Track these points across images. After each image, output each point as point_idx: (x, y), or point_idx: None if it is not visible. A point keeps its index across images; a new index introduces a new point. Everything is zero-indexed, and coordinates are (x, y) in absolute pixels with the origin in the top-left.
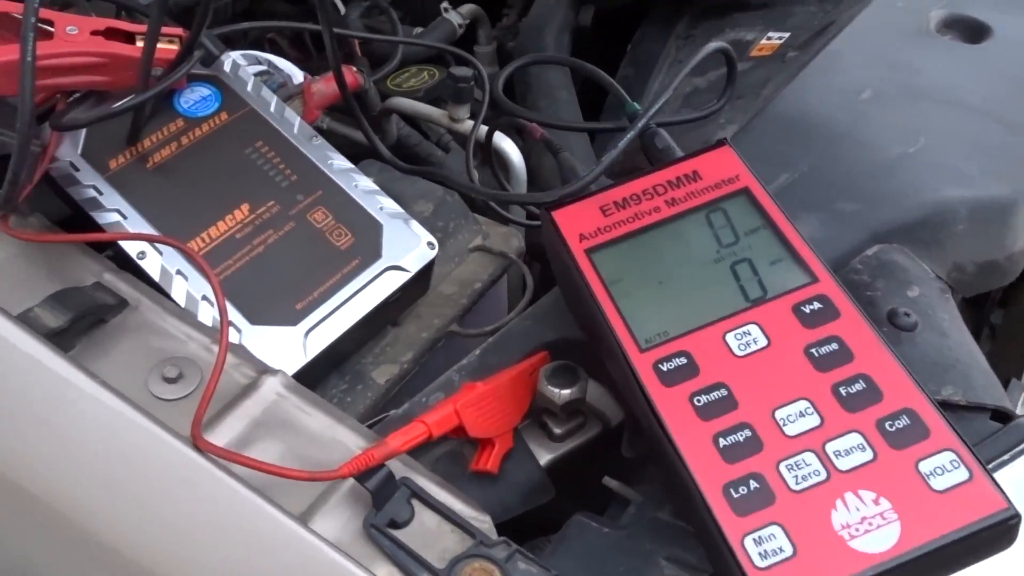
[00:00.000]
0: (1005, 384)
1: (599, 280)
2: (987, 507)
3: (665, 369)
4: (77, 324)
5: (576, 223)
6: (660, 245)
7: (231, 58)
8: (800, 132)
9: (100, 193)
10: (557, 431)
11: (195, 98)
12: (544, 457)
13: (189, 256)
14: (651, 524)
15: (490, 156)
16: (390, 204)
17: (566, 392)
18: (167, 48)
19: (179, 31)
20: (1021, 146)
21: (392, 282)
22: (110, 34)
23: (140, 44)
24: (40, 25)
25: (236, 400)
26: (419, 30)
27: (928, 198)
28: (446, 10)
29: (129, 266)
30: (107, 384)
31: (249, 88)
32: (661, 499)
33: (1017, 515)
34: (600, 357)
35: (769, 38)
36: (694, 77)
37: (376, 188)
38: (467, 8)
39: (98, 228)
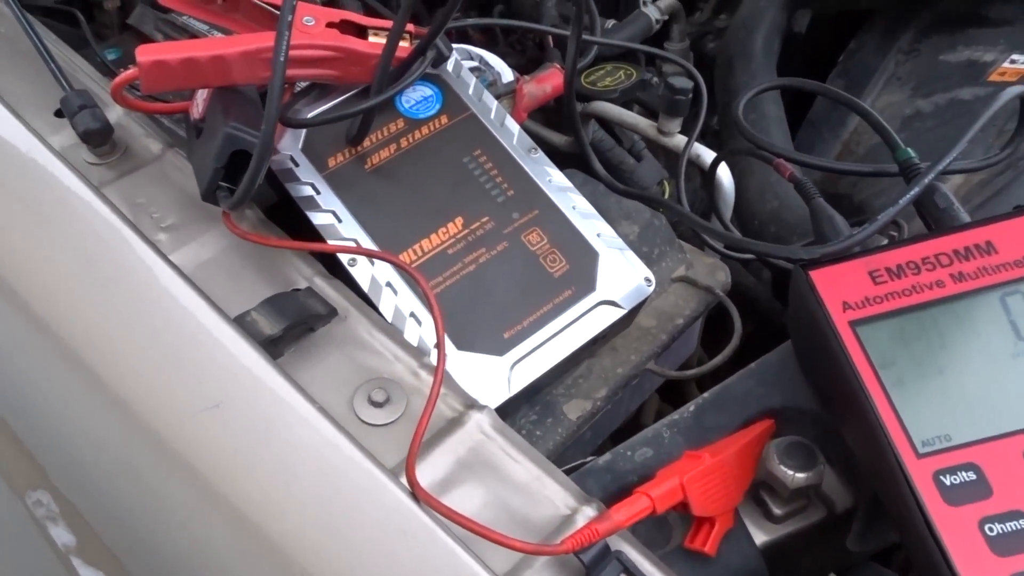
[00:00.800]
0: None
1: (866, 360)
2: None
3: (948, 483)
4: (290, 332)
5: (839, 288)
6: (943, 327)
7: (454, 58)
8: None
9: (317, 192)
10: (777, 512)
11: (417, 98)
12: (760, 538)
13: (406, 272)
14: None
15: (712, 186)
16: (608, 231)
17: (801, 476)
18: (402, 46)
19: (411, 27)
20: None
21: (605, 319)
22: (344, 27)
23: (372, 39)
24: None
25: (442, 434)
26: (611, 23)
27: None
28: (644, 3)
29: (338, 270)
30: (322, 409)
31: (471, 91)
32: None
33: None
34: (839, 436)
35: (1013, 61)
36: (917, 98)
37: (594, 212)
38: (666, 3)
39: (309, 224)
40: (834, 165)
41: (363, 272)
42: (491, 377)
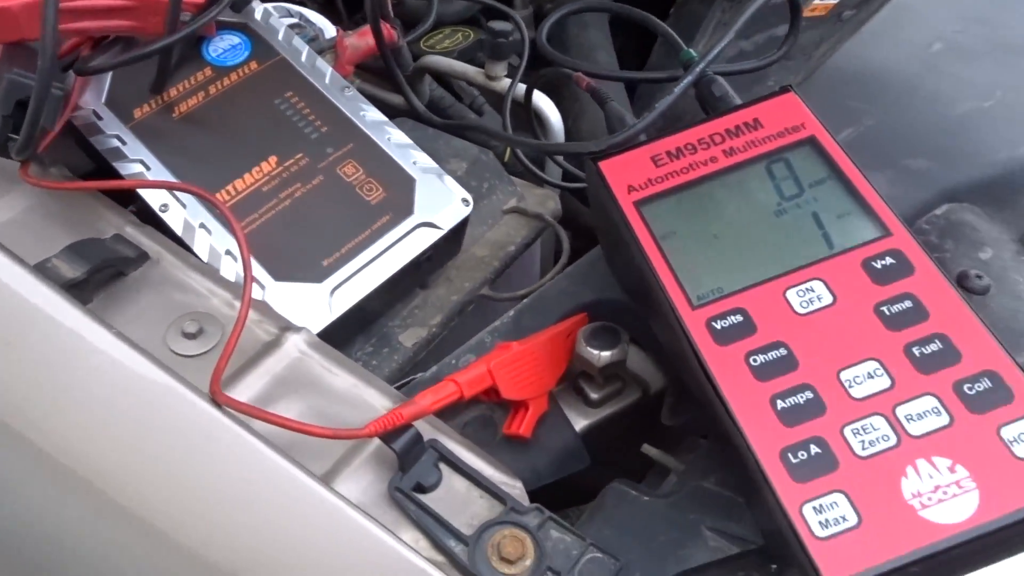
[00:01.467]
0: None
1: (649, 234)
2: None
3: (719, 327)
4: (95, 276)
5: (625, 174)
6: (716, 197)
7: (262, 7)
8: (863, 87)
9: (123, 143)
10: (594, 396)
11: (224, 46)
12: (579, 423)
13: (213, 206)
14: (694, 493)
15: (529, 114)
16: (424, 159)
17: (606, 354)
18: None
19: None
20: None
21: (424, 239)
22: None
23: None
24: None
25: (258, 357)
26: None
27: (1003, 155)
28: None
29: (152, 220)
30: (125, 337)
31: (280, 37)
32: (705, 467)
33: None
34: (645, 318)
35: None
36: (740, 40)
37: (410, 142)
38: None
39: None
40: (629, 75)
41: (175, 216)
42: (311, 303)
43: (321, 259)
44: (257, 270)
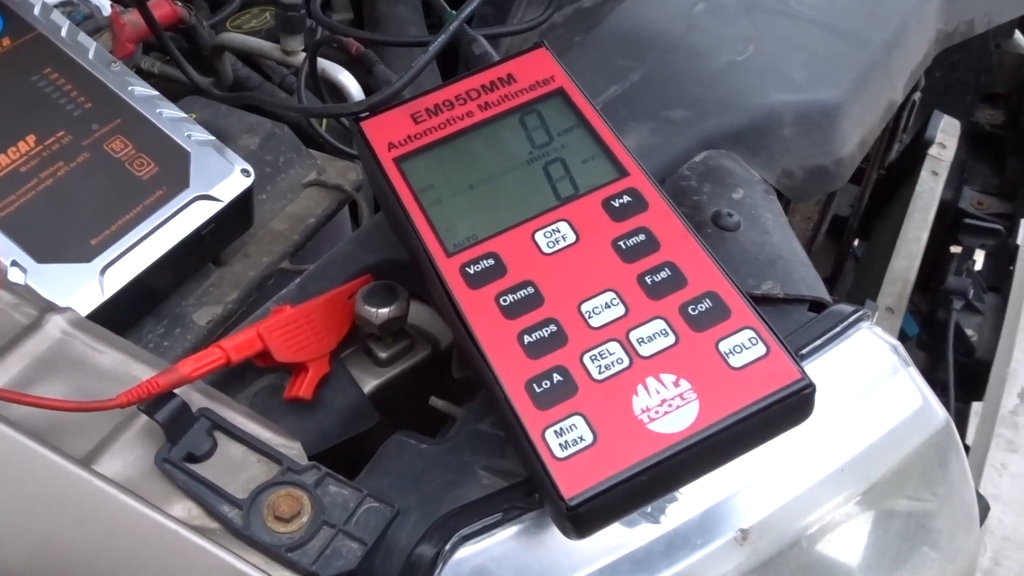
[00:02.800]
0: (860, 303)
1: (408, 189)
2: (782, 379)
3: (472, 272)
4: None
5: (386, 133)
6: (472, 150)
7: None
8: (633, 45)
9: None
10: (382, 355)
11: None
12: (369, 383)
13: None
14: (470, 436)
15: (316, 80)
16: (199, 132)
17: (384, 311)
18: None
19: None
20: (848, 52)
21: (202, 212)
22: None
23: None
24: None
25: (15, 341)
26: None
27: (755, 103)
28: None
29: None
30: None
31: (36, 12)
32: (481, 411)
33: (811, 384)
34: (420, 275)
35: None
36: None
37: (184, 116)
38: None
39: None
40: (395, 39)
41: None
42: (80, 283)
43: (89, 238)
44: (17, 253)
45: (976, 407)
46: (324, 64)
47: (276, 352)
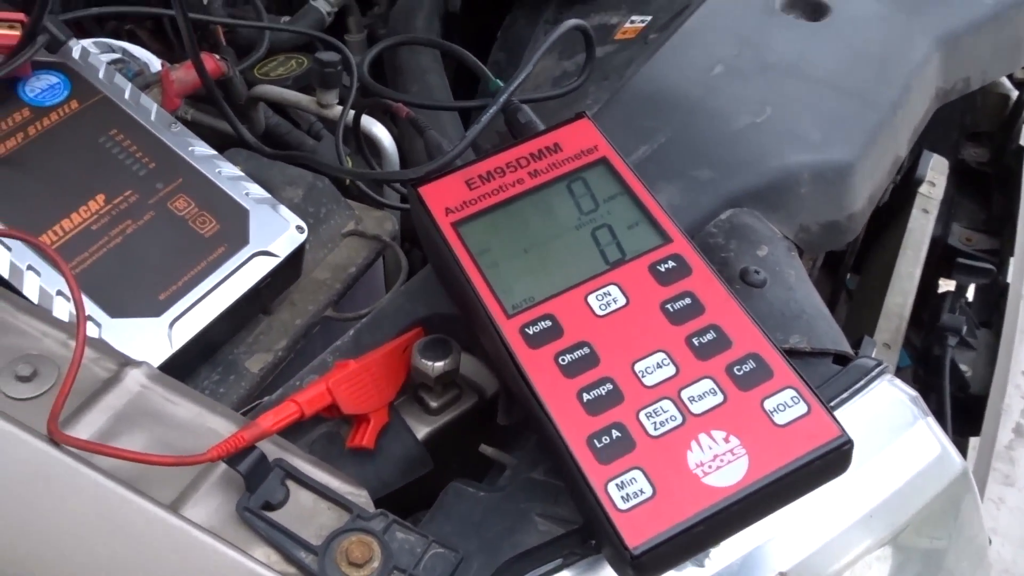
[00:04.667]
0: (858, 341)
1: (466, 252)
2: (824, 436)
3: (531, 332)
4: None
5: (442, 198)
6: (524, 215)
7: (80, 45)
8: (657, 106)
9: None
10: (433, 404)
11: (42, 86)
12: (421, 431)
13: (39, 249)
14: (525, 484)
15: (359, 140)
16: (256, 190)
17: (439, 364)
18: (8, 34)
19: (20, 16)
20: (860, 113)
21: (261, 268)
22: None
23: None
24: None
25: (97, 394)
26: (286, 19)
27: (774, 164)
28: None
29: None
30: None
31: (101, 75)
32: (534, 460)
33: (849, 441)
34: (473, 330)
35: (632, 21)
36: (563, 60)
37: (241, 174)
38: None
39: None
40: (442, 104)
41: (1, 260)
42: (150, 337)
43: (158, 293)
44: (92, 308)
45: (972, 441)
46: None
47: (344, 405)
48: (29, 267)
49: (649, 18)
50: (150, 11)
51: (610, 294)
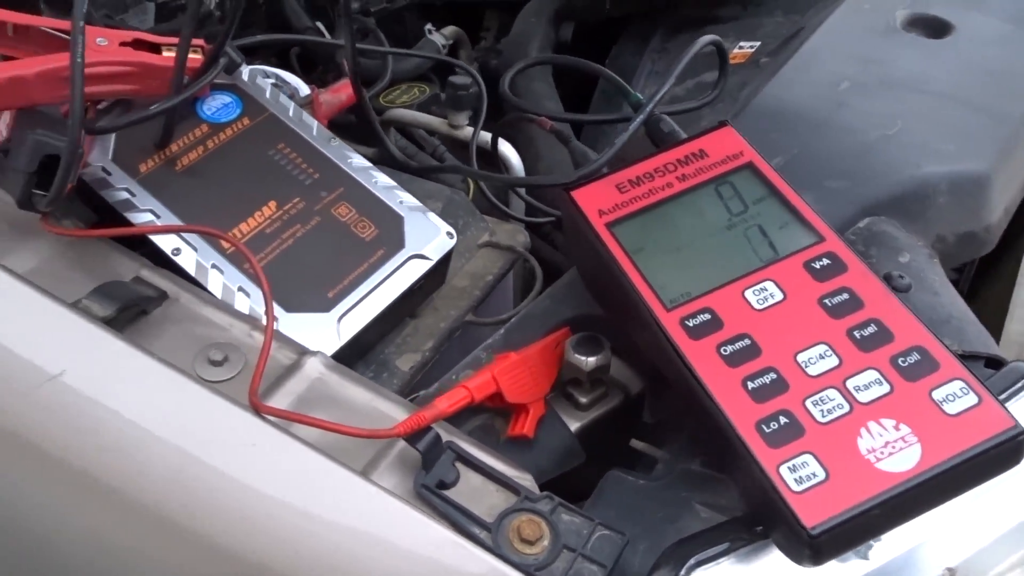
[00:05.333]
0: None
1: (622, 250)
2: (997, 425)
3: (691, 324)
4: (123, 314)
5: (594, 201)
6: (675, 216)
7: (248, 69)
8: (785, 122)
9: (133, 195)
10: (583, 400)
11: (217, 105)
12: (572, 425)
13: (226, 244)
14: (683, 474)
15: (496, 157)
16: (408, 198)
17: (592, 359)
18: (191, 57)
19: (201, 42)
20: (990, 127)
21: (416, 270)
22: (137, 45)
23: (166, 54)
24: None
25: (281, 379)
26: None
27: (910, 174)
28: (430, 32)
29: (164, 263)
30: (165, 360)
31: (267, 95)
32: (689, 453)
33: (1023, 432)
34: (622, 328)
35: (741, 47)
36: (673, 87)
37: (394, 184)
38: (449, 30)
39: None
40: (588, 117)
41: (188, 259)
42: (321, 330)
43: (326, 291)
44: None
45: None
46: (486, 136)
47: (508, 393)
48: (213, 265)
49: (758, 43)
50: (317, 39)
51: (766, 289)
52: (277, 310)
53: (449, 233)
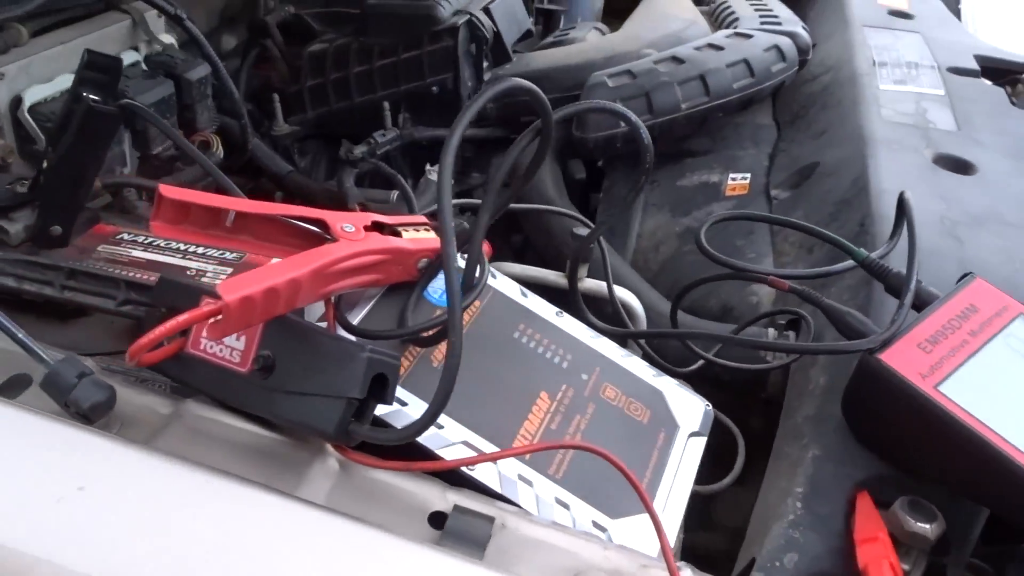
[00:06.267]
0: None
1: (961, 409)
2: None
3: None
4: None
5: (907, 364)
6: (989, 367)
7: None
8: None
9: (404, 404)
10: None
11: (440, 287)
12: None
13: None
14: None
15: (615, 306)
16: (652, 368)
17: (933, 526)
18: (424, 238)
19: (425, 219)
20: None
21: (698, 449)
22: (377, 228)
23: (407, 235)
24: (312, 227)
25: None
26: None
27: None
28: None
29: (458, 478)
30: None
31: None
32: None
33: None
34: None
35: (733, 179)
36: (680, 218)
37: (630, 353)
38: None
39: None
40: (803, 273)
41: (487, 472)
42: (647, 532)
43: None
44: (592, 513)
45: None
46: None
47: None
48: (520, 476)
49: (748, 175)
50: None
51: None
52: (603, 520)
53: (707, 403)
